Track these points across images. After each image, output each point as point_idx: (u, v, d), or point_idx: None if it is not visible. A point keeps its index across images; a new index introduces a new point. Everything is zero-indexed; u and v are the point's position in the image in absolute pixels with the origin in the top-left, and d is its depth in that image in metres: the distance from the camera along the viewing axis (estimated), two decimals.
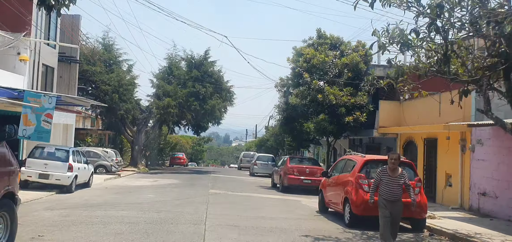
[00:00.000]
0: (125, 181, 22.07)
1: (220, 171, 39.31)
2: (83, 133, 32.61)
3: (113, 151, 28.23)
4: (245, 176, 32.72)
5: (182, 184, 21.37)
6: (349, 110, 20.25)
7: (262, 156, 32.96)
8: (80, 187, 17.21)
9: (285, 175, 19.53)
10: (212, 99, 32.04)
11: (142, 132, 35.37)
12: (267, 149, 40.56)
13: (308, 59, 21.34)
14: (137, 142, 34.76)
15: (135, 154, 34.62)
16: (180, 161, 48.92)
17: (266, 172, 32.32)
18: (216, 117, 33.42)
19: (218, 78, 33.60)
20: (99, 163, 25.31)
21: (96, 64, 30.30)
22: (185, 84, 32.32)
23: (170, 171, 35.48)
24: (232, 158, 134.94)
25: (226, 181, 25.04)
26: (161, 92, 32.20)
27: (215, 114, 32.53)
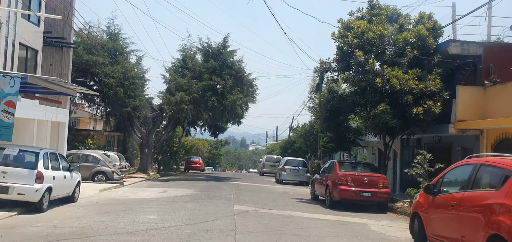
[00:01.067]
0: (126, 192, 17.49)
1: (240, 177, 34.58)
2: (84, 134, 28.30)
3: (116, 155, 23.77)
4: (271, 183, 27.88)
5: (198, 196, 16.67)
6: (417, 99, 15.24)
7: (291, 160, 28.08)
8: (59, 202, 12.67)
9: (335, 185, 14.61)
10: (232, 93, 27.31)
11: (153, 133, 30.89)
12: (294, 152, 35.71)
13: (360, 34, 16.41)
14: (146, 144, 30.29)
15: (145, 158, 30.15)
16: (196, 166, 44.38)
17: (296, 179, 27.47)
18: (237, 115, 28.64)
19: (239, 70, 28.86)
20: (97, 169, 20.86)
21: (98, 53, 25.94)
22: (200, 76, 27.68)
23: (184, 177, 30.91)
24: (250, 162, 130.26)
25: (252, 191, 20.24)
26: (174, 86, 27.64)
27: (236, 112, 27.74)
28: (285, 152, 38.67)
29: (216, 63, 27.78)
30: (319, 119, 17.79)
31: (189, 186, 21.85)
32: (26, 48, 16.59)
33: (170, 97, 26.74)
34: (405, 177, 19.23)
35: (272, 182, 29.34)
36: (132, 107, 27.09)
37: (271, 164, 39.02)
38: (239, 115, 28.72)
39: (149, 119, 31.20)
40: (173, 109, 26.50)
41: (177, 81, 27.42)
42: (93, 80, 27.10)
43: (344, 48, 16.69)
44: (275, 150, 42.21)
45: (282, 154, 40.62)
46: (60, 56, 19.94)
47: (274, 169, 38.79)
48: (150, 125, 31.18)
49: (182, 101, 25.95)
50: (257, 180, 31.35)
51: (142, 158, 30.37)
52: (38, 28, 17.47)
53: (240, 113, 28.26)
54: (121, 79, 25.80)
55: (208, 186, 22.35)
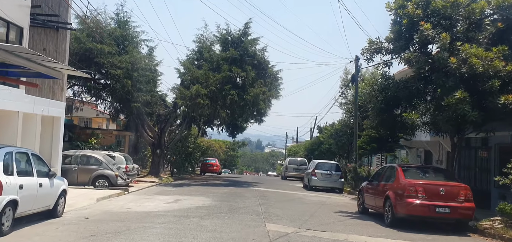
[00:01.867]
0: (129, 202, 14.23)
1: (262, 181, 31.16)
2: (88, 132, 25.29)
3: (122, 156, 20.60)
4: (299, 189, 24.38)
5: (217, 208, 13.30)
6: (504, 84, 11.59)
7: (323, 164, 24.47)
8: (35, 219, 9.47)
9: (399, 197, 11.06)
10: (255, 86, 23.89)
11: (165, 132, 27.72)
12: (321, 154, 32.12)
13: (425, 3, 12.82)
14: (158, 144, 27.13)
15: (156, 159, 26.99)
16: (212, 168, 41.18)
17: (328, 185, 23.88)
18: (260, 111, 25.17)
19: (262, 61, 25.43)
20: (99, 172, 17.71)
21: (104, 40, 22.88)
22: (218, 67, 24.35)
23: (200, 181, 27.66)
24: (266, 165, 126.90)
25: (282, 201, 16.79)
26: (189, 78, 24.39)
27: (258, 107, 24.29)
28: (311, 153, 35.08)
29: (236, 52, 24.41)
30: (372, 111, 14.14)
31: (206, 192, 18.52)
32: (7, 24, 13.50)
33: (184, 90, 23.48)
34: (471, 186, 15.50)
35: (299, 188, 25.83)
36: (142, 103, 23.96)
37: (295, 167, 35.51)
38: (261, 111, 25.26)
39: (161, 117, 28.06)
40: (188, 104, 23.20)
41: (193, 72, 24.14)
42: (99, 72, 24.06)
43: (404, 21, 13.09)
44: (298, 152, 38.67)
45: (306, 156, 37.05)
46: (55, 39, 16.85)
47: (298, 172, 35.35)
48: (162, 123, 28.03)
49: (197, 95, 22.65)
50: (281, 185, 27.88)
51: (154, 160, 27.23)
52: (24, 2, 14.37)
53: (263, 109, 24.80)
54: (129, 70, 22.67)
55: (228, 193, 18.98)
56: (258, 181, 31.85)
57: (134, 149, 37.47)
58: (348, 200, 19.48)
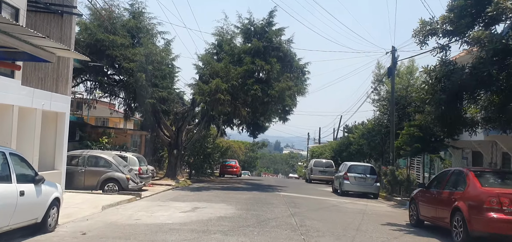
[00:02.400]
0: (140, 210, 12.22)
1: (285, 185, 28.89)
2: (99, 131, 23.52)
3: (135, 157, 18.66)
4: (329, 194, 22.07)
5: (242, 219, 11.16)
6: None
7: (356, 166, 22.06)
8: (16, 236, 7.51)
9: (475, 210, 8.68)
10: (280, 81, 21.68)
11: (183, 131, 25.78)
12: (350, 156, 29.63)
13: None
14: (175, 144, 25.21)
15: (173, 160, 25.07)
16: (232, 170, 39.11)
17: (363, 190, 21.49)
18: (285, 108, 22.89)
19: (287, 53, 23.22)
20: (108, 175, 15.81)
21: (117, 31, 21.08)
22: (240, 60, 22.26)
23: (219, 183, 25.62)
24: (286, 166, 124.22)
25: (316, 210, 14.53)
26: (208, 72, 22.37)
27: (285, 104, 22.04)
28: (338, 155, 32.63)
29: (260, 43, 22.25)
30: (431, 103, 11.71)
31: (227, 198, 16.40)
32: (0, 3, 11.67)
33: (203, 86, 21.45)
34: None
35: (328, 192, 23.51)
36: (157, 99, 22.04)
37: (321, 169, 33.14)
38: (287, 108, 22.96)
39: (178, 115, 26.14)
40: (207, 100, 21.14)
41: (212, 66, 22.10)
42: (111, 66, 22.25)
43: None
44: (324, 153, 36.25)
45: (333, 158, 34.61)
46: (59, 26, 15.04)
47: (324, 175, 33.02)
48: (179, 122, 26.12)
49: (217, 90, 20.58)
50: (307, 189, 25.60)
51: (170, 161, 25.32)
52: None
53: (289, 106, 22.48)
54: (143, 64, 20.79)
55: (252, 199, 16.82)
56: (282, 184, 29.62)
57: (151, 149, 35.82)
58: (390, 208, 17.08)
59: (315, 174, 33.33)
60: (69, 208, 11.58)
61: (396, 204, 19.00)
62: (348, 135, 30.68)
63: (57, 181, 14.59)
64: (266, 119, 33.40)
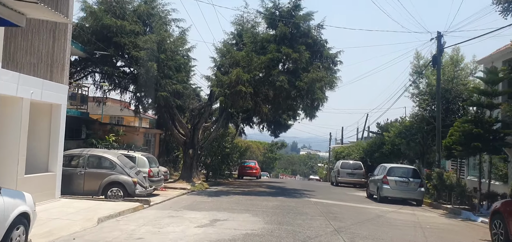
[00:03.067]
0: (145, 223, 9.76)
1: (313, 189, 26.17)
2: (107, 128, 21.26)
3: (145, 157, 16.23)
4: (363, 200, 19.38)
5: (275, 239, 8.57)
6: None
7: (397, 169, 19.19)
8: None
9: None
10: (309, 71, 19.01)
11: (199, 129, 23.33)
12: (383, 157, 26.70)
13: None
14: (191, 143, 22.80)
15: (188, 161, 22.65)
16: (251, 172, 36.53)
17: (405, 196, 18.69)
18: (315, 102, 20.09)
19: (317, 40, 20.55)
20: (112, 178, 13.45)
21: (125, 17, 18.80)
22: (264, 49, 19.69)
23: (239, 186, 23.12)
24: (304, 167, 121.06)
25: (362, 223, 11.84)
26: (227, 62, 19.87)
27: (314, 97, 19.30)
28: (369, 156, 29.74)
29: (287, 28, 19.63)
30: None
31: (252, 206, 13.87)
32: None
33: (222, 76, 18.95)
34: None
35: (361, 198, 20.79)
36: (171, 93, 19.64)
37: (348, 171, 30.39)
38: (316, 103, 20.20)
39: (194, 111, 23.73)
40: (226, 93, 18.62)
41: (232, 54, 19.57)
42: (120, 55, 19.97)
43: None
44: (351, 154, 33.37)
45: (362, 159, 31.71)
46: (54, 2, 12.74)
47: (352, 177, 30.25)
48: (195, 119, 23.70)
49: (238, 81, 18.04)
50: (337, 193, 22.89)
51: (185, 162, 22.92)
52: None
53: (319, 100, 19.71)
54: (155, 52, 18.43)
55: (280, 207, 14.23)
56: (307, 188, 26.93)
57: (165, 149, 33.63)
58: (445, 219, 14.26)
59: (342, 176, 30.58)
60: (57, 220, 9.23)
61: (448, 213, 16.15)
62: (381, 133, 27.75)
63: (51, 185, 12.29)
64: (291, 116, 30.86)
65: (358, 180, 30.38)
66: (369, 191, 21.21)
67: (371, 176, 21.38)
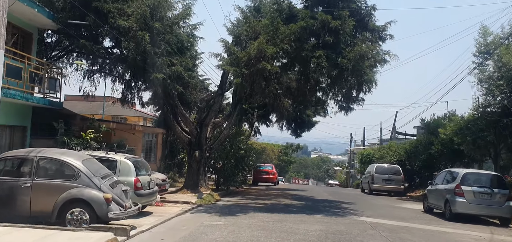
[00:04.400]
0: None
1: (349, 200, 21.23)
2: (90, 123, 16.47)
3: (129, 160, 11.38)
4: (422, 215, 14.47)
5: None
6: None
7: (477, 176, 14.18)
8: None
9: None
10: (357, 43, 14.12)
11: (207, 125, 18.54)
12: (432, 160, 21.72)
13: None
14: (197, 143, 18.06)
15: (194, 165, 17.91)
16: (268, 177, 31.74)
17: (486, 212, 13.74)
18: (364, 84, 14.84)
19: (360, 8, 15.62)
20: (72, 193, 8.71)
21: None
22: (293, 16, 14.85)
23: (259, 198, 18.34)
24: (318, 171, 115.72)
25: None
26: (245, 33, 15.06)
27: (364, 78, 14.23)
28: (412, 159, 24.66)
29: None
30: None
31: (286, 234, 9.08)
32: None
33: (238, 52, 14.15)
34: None
35: (418, 212, 15.99)
36: (170, 77, 14.92)
37: (385, 177, 25.47)
38: (365, 86, 15.07)
39: (202, 103, 18.98)
40: (243, 73, 13.78)
41: (251, 24, 14.76)
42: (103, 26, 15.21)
43: None
44: (385, 157, 28.36)
45: (400, 162, 26.67)
46: None
47: (390, 184, 25.33)
48: (202, 112, 18.96)
49: (260, 56, 13.21)
50: (383, 206, 18.02)
51: (191, 166, 18.16)
52: None
53: (369, 81, 14.60)
54: (148, 19, 13.73)
55: (330, 237, 9.38)
56: (340, 197, 22.00)
57: (169, 151, 29.02)
58: None
59: (378, 182, 25.63)
60: None
61: None
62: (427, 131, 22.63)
63: None
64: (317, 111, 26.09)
65: (396, 187, 25.46)
66: (428, 204, 16.24)
67: (431, 184, 16.40)
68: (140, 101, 19.46)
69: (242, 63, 13.64)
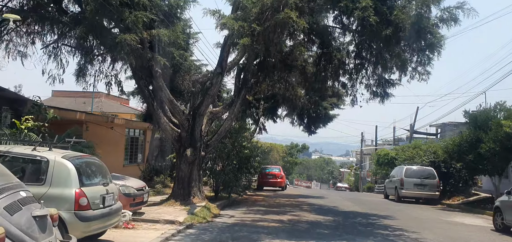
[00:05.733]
0: None
1: (381, 211, 16.86)
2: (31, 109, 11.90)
3: (68, 161, 6.90)
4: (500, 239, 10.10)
5: None
6: None
7: None
8: None
9: None
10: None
11: (202, 116, 14.03)
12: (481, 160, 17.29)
13: None
14: (190, 138, 13.63)
15: (185, 168, 13.48)
16: (275, 181, 27.45)
17: None
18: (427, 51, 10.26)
19: None
20: None
21: None
22: None
23: (269, 211, 13.99)
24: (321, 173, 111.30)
25: None
26: None
27: (428, 41, 9.76)
28: (458, 157, 20.23)
29: None
30: None
31: None
32: None
33: None
34: None
35: (487, 231, 11.74)
36: (149, 42, 10.51)
37: (417, 181, 21.30)
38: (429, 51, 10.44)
39: (196, 86, 14.53)
40: (255, 31, 9.34)
41: None
42: None
43: None
44: (414, 158, 23.99)
45: (434, 164, 22.26)
46: None
47: (422, 190, 21.16)
48: (196, 99, 14.52)
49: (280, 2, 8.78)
50: (433, 220, 13.75)
51: (181, 169, 13.69)
52: None
53: (436, 45, 10.03)
54: None
55: None
56: (370, 208, 17.64)
57: (160, 151, 24.67)
58: None
59: (408, 188, 21.40)
60: None
61: None
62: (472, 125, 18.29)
63: None
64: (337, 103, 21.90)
65: (430, 193, 21.21)
66: (504, 222, 11.88)
67: (510, 195, 12.02)
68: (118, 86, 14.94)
69: (253, 16, 9.23)
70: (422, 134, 40.91)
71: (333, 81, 16.69)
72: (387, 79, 14.54)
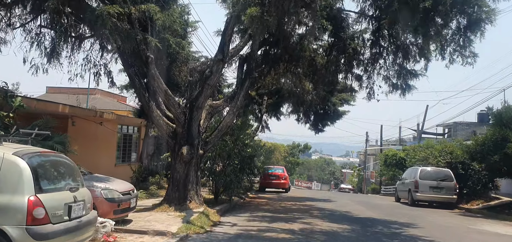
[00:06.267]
0: None
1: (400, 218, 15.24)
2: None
3: (20, 159, 5.18)
4: None
5: None
6: None
7: None
8: None
9: None
10: None
11: (200, 109, 12.36)
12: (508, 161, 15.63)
13: None
14: (186, 135, 11.97)
15: (181, 168, 11.83)
16: (279, 182, 25.81)
17: None
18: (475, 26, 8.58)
19: None
20: None
21: None
22: None
23: (277, 218, 12.33)
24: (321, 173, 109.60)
25: None
26: None
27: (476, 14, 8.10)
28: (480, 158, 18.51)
29: None
30: None
31: None
32: None
33: None
34: None
35: None
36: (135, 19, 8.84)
37: (433, 184, 19.73)
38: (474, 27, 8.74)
39: (193, 75, 12.85)
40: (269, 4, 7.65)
41: None
42: None
43: None
44: (428, 158, 22.32)
45: (450, 165, 20.60)
46: None
47: (439, 193, 19.55)
48: (193, 89, 12.82)
49: None
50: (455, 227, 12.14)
51: (175, 169, 12.02)
52: None
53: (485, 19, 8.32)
54: None
55: None
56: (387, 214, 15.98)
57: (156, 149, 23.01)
58: None
59: (423, 190, 19.78)
60: None
61: None
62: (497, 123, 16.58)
63: None
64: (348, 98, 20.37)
65: (447, 197, 19.55)
66: None
67: None
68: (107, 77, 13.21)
69: None
70: (430, 134, 39.35)
71: (346, 73, 15.22)
72: (408, 69, 13.01)
